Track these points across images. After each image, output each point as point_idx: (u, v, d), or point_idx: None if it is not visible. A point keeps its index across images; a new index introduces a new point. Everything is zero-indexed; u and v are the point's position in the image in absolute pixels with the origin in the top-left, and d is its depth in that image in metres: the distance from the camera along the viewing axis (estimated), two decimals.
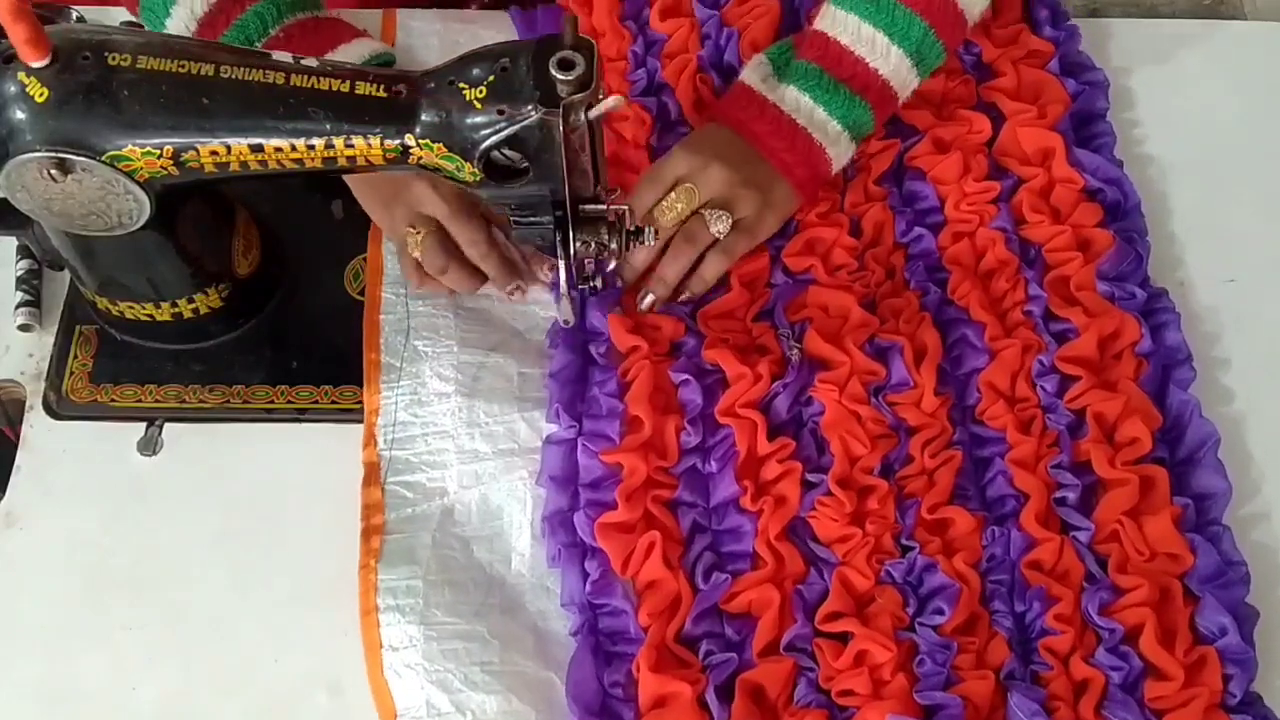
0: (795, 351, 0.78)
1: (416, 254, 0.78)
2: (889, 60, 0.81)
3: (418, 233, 0.78)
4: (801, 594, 0.71)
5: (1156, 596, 0.71)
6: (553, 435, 0.76)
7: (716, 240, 0.79)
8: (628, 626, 0.71)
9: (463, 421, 0.77)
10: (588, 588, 0.72)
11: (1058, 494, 0.74)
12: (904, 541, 0.73)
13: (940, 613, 0.70)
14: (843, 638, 0.70)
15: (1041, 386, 0.77)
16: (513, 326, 0.82)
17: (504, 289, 0.82)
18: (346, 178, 0.82)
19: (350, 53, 0.80)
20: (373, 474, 0.76)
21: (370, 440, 0.76)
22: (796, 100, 0.81)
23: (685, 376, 0.77)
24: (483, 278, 0.81)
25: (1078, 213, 0.83)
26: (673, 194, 0.78)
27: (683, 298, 0.81)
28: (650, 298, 0.80)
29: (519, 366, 0.79)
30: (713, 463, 0.75)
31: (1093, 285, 0.80)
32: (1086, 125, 0.89)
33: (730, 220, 0.79)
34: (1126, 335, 0.79)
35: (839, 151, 0.82)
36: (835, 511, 0.73)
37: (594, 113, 0.63)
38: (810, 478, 0.75)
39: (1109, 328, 0.79)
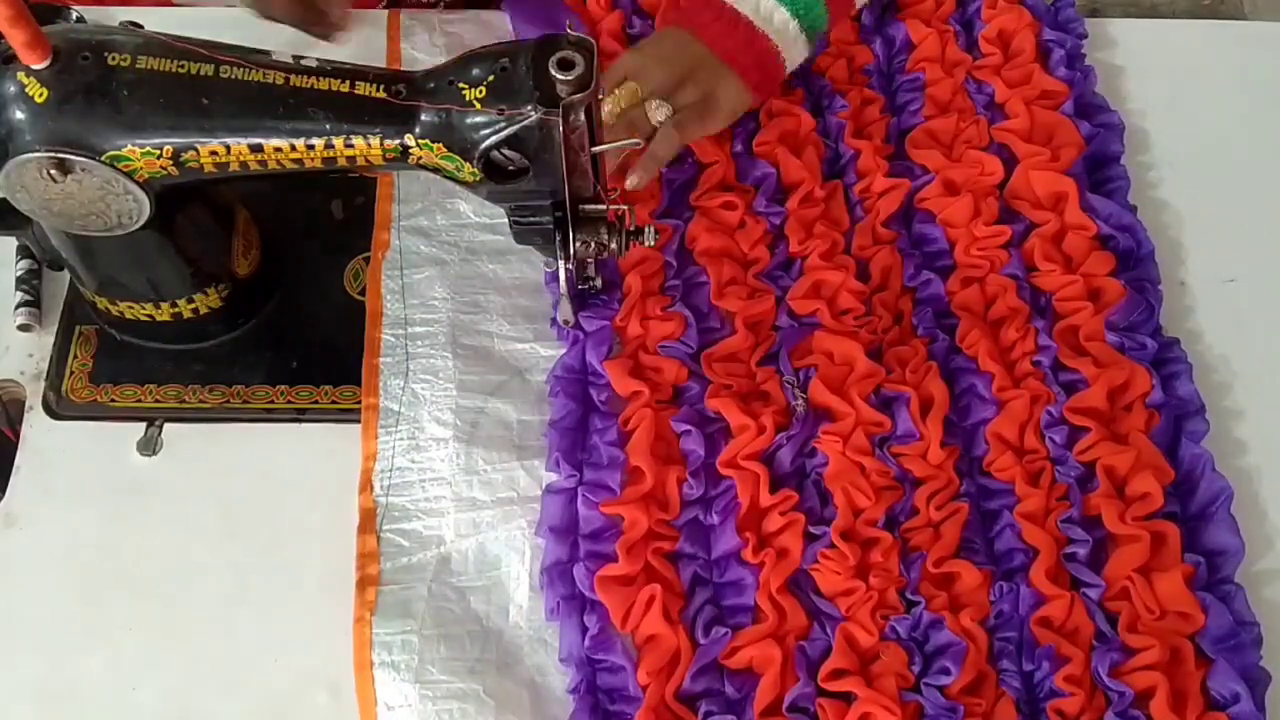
0: (800, 402, 0.77)
1: None
2: None
3: None
4: (804, 650, 0.70)
5: (1167, 658, 0.69)
6: (552, 484, 0.75)
7: (656, 129, 0.80)
8: (626, 684, 0.69)
9: (461, 468, 0.76)
10: (586, 642, 0.70)
11: (1068, 549, 0.73)
12: (909, 596, 0.72)
13: (946, 672, 0.68)
14: (847, 697, 0.68)
15: (1050, 438, 0.76)
16: (514, 366, 0.80)
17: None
18: None
19: None
20: (368, 521, 0.74)
21: (366, 486, 0.75)
22: None
23: (687, 427, 0.75)
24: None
25: (1090, 261, 0.81)
26: (616, 91, 0.80)
27: (632, 181, 0.78)
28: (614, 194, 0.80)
29: (518, 413, 0.78)
30: (714, 514, 0.74)
31: (1103, 336, 0.79)
32: (1100, 169, 0.87)
33: (670, 109, 0.80)
34: (1137, 387, 0.77)
35: (793, 49, 0.84)
36: (839, 564, 0.71)
37: (606, 149, 0.65)
38: (813, 530, 0.73)
39: (1119, 379, 0.77)
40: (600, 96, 0.77)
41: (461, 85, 0.64)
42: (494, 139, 0.64)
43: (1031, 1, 0.92)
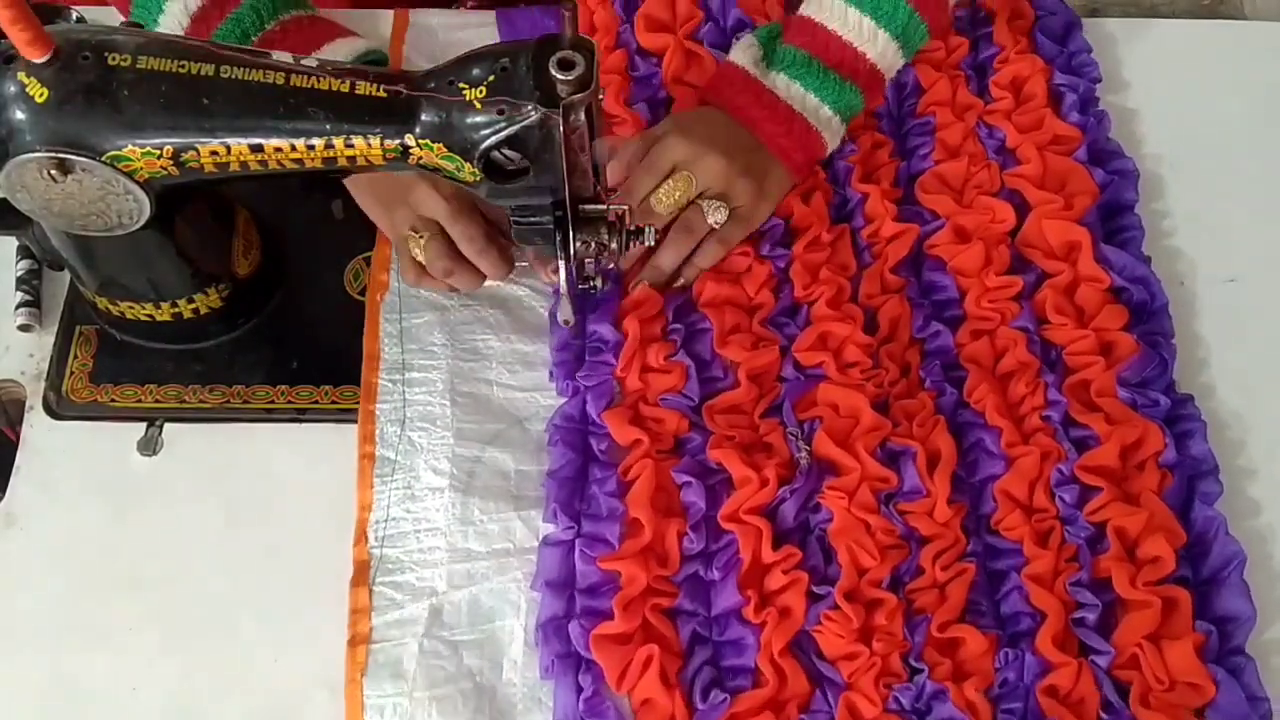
0: (804, 455, 0.75)
1: (420, 257, 0.78)
2: (876, 44, 0.82)
3: (420, 236, 0.78)
4: None
5: None
6: (549, 536, 0.74)
7: (713, 229, 0.80)
8: None
9: (456, 518, 0.74)
10: (581, 705, 0.68)
11: (1076, 614, 0.71)
12: (913, 662, 0.70)
13: None
14: None
15: (1060, 497, 0.74)
16: (513, 415, 0.79)
17: (499, 279, 0.81)
18: (346, 180, 0.82)
19: (342, 49, 0.81)
20: (361, 574, 0.73)
21: (361, 537, 0.74)
22: (789, 87, 0.82)
23: (688, 478, 0.74)
24: (482, 275, 0.81)
25: (1103, 314, 0.79)
26: (670, 182, 0.78)
27: (677, 284, 0.81)
28: (642, 283, 0.80)
29: (516, 463, 0.77)
30: (715, 570, 0.72)
31: (1114, 392, 0.77)
32: (1114, 217, 0.85)
33: (727, 211, 0.79)
34: (1149, 445, 0.75)
35: (832, 134, 0.83)
36: (842, 627, 0.69)
37: (603, 146, 0.65)
38: (816, 589, 0.71)
39: (1131, 437, 0.75)
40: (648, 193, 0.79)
41: (461, 85, 0.64)
42: (494, 139, 0.64)
43: (1043, 44, 0.91)
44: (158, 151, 0.65)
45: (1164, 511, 0.73)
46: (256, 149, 0.65)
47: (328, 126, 0.65)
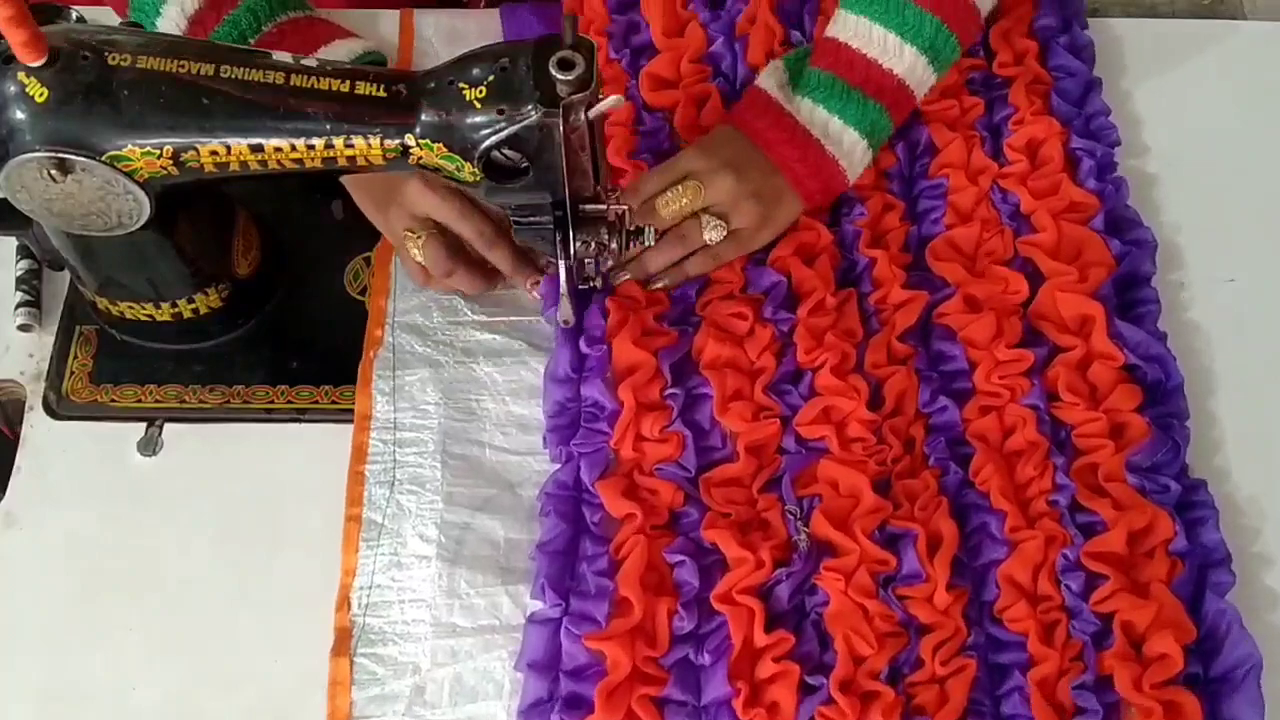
0: (803, 537, 0.73)
1: (419, 258, 0.78)
2: (903, 60, 0.80)
3: (417, 235, 0.77)
4: None
5: None
6: (536, 614, 0.71)
7: (706, 245, 0.79)
8: None
9: (442, 590, 0.72)
10: None
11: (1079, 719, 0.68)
12: None
13: None
14: None
15: (1066, 585, 0.71)
16: (505, 479, 0.76)
17: (520, 281, 0.80)
18: (343, 180, 0.82)
19: (341, 50, 0.81)
20: (343, 642, 0.71)
21: (344, 603, 0.72)
22: (812, 112, 0.80)
23: (681, 557, 0.71)
24: (490, 276, 0.81)
25: (1115, 394, 0.77)
26: (679, 187, 0.78)
27: (656, 287, 0.80)
28: (626, 277, 0.80)
29: (506, 531, 0.74)
30: (705, 654, 0.69)
31: (1123, 476, 0.74)
32: (1130, 289, 0.82)
33: (725, 230, 0.78)
34: (1159, 532, 0.72)
35: (854, 162, 0.82)
36: None
37: (594, 112, 0.63)
38: (810, 680, 0.68)
39: (1140, 523, 0.72)
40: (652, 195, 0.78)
41: (461, 85, 0.64)
42: (494, 139, 0.64)
43: (1060, 105, 0.88)
44: (158, 151, 0.65)
45: (1173, 604, 0.70)
46: (256, 149, 0.65)
47: (328, 126, 0.65)
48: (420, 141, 0.66)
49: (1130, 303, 0.82)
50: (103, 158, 0.64)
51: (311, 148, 0.66)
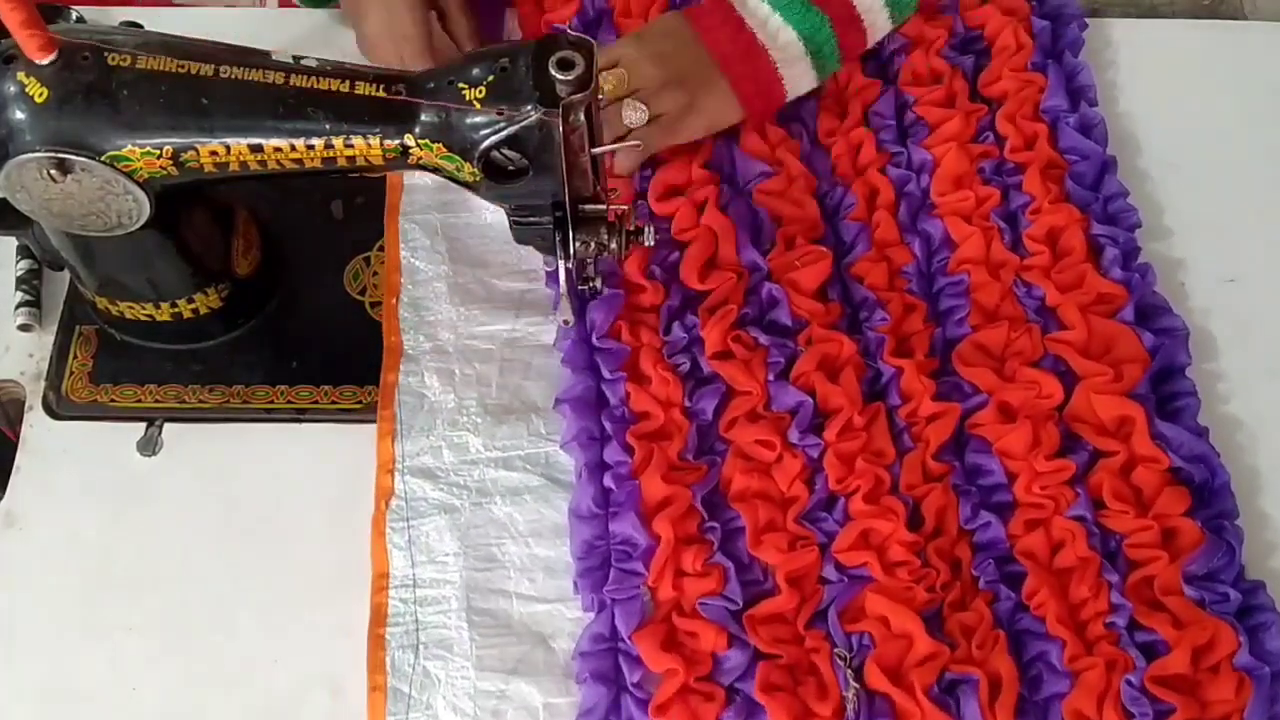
0: (852, 697, 0.69)
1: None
2: None
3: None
4: None
5: None
6: None
7: (629, 130, 0.80)
8: None
9: None
10: None
11: None
12: None
13: None
14: None
15: (1131, 713, 0.68)
16: (536, 633, 0.72)
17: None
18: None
19: None
20: None
21: None
22: (756, 8, 0.83)
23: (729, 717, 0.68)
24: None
25: (1163, 499, 0.74)
26: (605, 75, 0.80)
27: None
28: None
29: (544, 695, 0.70)
30: None
31: (1180, 589, 0.72)
32: (1166, 381, 0.79)
33: (646, 113, 0.80)
34: (1222, 646, 0.70)
35: (795, 74, 0.83)
36: None
37: (602, 150, 0.65)
38: None
39: (1202, 639, 0.70)
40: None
41: (461, 85, 0.64)
42: (494, 139, 0.64)
43: (1075, 190, 0.85)
44: (157, 151, 0.65)
45: None
46: (256, 149, 0.65)
47: (327, 126, 0.65)
48: (420, 141, 0.66)
49: (1167, 396, 0.79)
50: (102, 158, 0.64)
51: (311, 148, 0.66)
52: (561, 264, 0.72)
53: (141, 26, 0.78)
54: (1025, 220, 0.84)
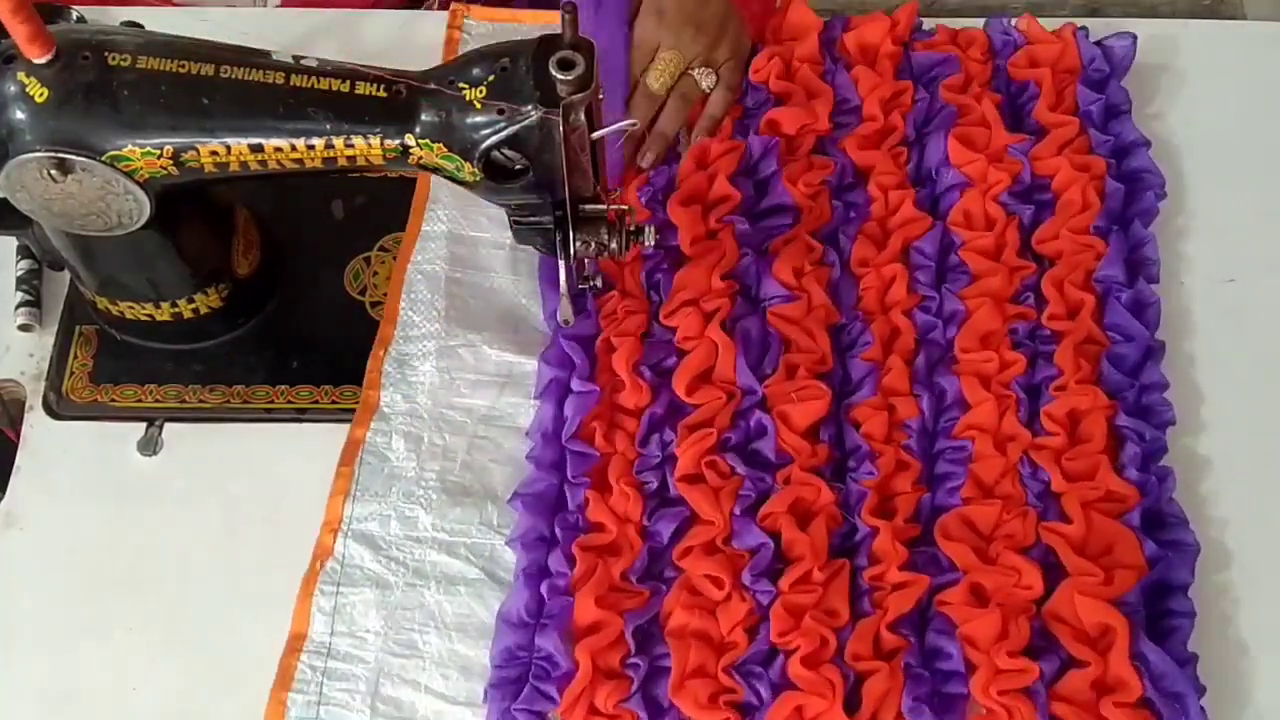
0: None
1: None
2: None
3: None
4: None
5: None
6: None
7: (706, 95, 0.87)
8: None
9: None
10: None
11: None
12: None
13: None
14: None
15: None
16: None
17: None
18: None
19: None
20: None
21: None
22: None
23: None
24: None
25: None
26: (662, 60, 0.85)
27: (646, 161, 0.85)
28: (651, 154, 0.85)
29: None
30: None
31: None
32: (1162, 597, 0.72)
33: (714, 74, 0.86)
34: None
35: None
36: None
37: (604, 133, 0.64)
38: None
39: None
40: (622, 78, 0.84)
41: (461, 85, 0.64)
42: (494, 139, 0.64)
43: (1109, 374, 0.78)
44: (158, 151, 0.65)
45: None
46: (256, 149, 0.66)
47: (328, 126, 0.65)
48: (420, 141, 0.66)
49: (1160, 613, 0.72)
50: (103, 158, 0.64)
51: (311, 148, 0.66)
52: (561, 264, 0.72)
53: (141, 26, 0.78)
54: (1048, 395, 0.77)
